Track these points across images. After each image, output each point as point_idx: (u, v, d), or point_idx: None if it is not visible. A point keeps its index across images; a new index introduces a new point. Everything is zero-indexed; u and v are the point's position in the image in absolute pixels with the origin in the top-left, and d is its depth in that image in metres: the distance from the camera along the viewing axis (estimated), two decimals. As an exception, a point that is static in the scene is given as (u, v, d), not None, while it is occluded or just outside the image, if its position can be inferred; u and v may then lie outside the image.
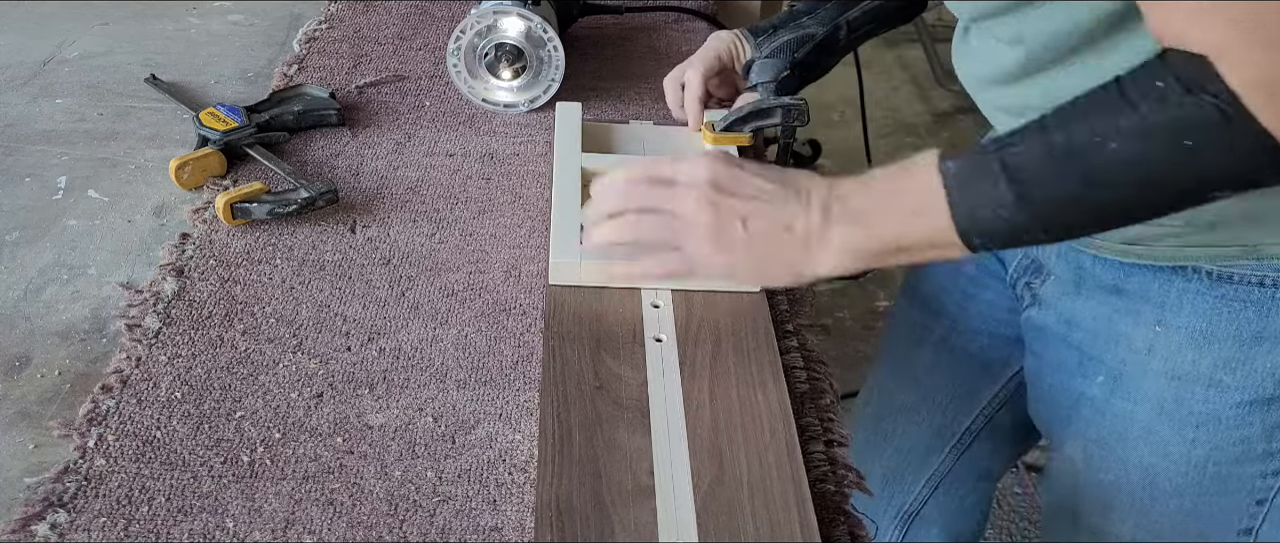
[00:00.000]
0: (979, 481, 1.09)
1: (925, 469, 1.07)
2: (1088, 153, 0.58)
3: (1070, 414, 0.87)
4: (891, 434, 1.08)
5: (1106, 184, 0.59)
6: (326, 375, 0.71)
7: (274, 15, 1.24)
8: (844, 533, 0.64)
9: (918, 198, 0.64)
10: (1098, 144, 0.58)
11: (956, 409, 1.03)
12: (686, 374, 0.71)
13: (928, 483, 1.08)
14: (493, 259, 0.83)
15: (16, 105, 1.02)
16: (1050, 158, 0.59)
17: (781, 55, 0.93)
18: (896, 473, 1.08)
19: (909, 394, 1.06)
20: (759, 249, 0.68)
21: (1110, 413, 0.83)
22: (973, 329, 0.99)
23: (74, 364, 0.72)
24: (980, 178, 0.61)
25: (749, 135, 0.93)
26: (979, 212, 0.62)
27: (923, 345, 1.03)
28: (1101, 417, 0.84)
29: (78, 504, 0.61)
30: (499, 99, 1.03)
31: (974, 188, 0.62)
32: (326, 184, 0.87)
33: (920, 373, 1.04)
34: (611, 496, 0.61)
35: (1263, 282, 0.74)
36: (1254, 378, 0.76)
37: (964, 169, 0.62)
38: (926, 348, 1.03)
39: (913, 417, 1.06)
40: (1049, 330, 0.87)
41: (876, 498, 1.10)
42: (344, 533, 0.61)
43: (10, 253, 0.83)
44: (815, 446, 0.69)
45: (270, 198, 0.85)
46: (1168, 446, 0.81)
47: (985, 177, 0.61)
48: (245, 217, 0.84)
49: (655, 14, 1.26)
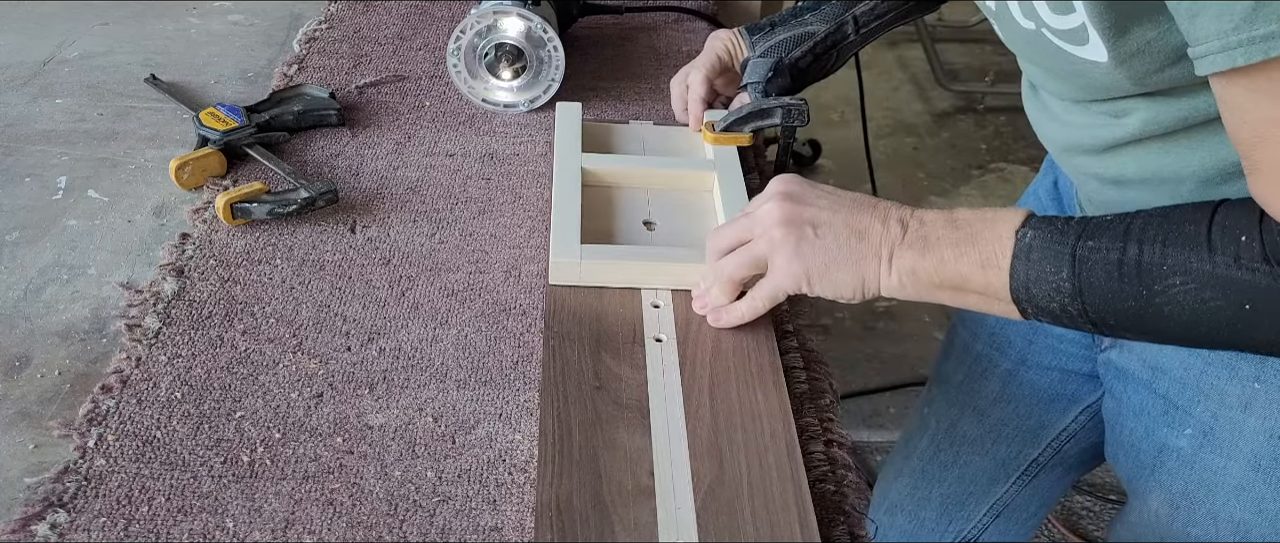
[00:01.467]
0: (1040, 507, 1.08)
1: (988, 498, 1.06)
2: (1152, 279, 0.59)
3: (1155, 465, 0.84)
4: (952, 464, 1.06)
5: (1160, 315, 0.60)
6: (326, 375, 0.71)
7: (274, 15, 1.24)
8: (844, 533, 0.64)
9: (989, 250, 0.65)
10: (1164, 273, 0.59)
11: (1023, 442, 1.02)
12: (686, 374, 0.71)
13: (990, 511, 1.07)
14: (493, 259, 0.83)
15: (16, 105, 1.02)
16: (1118, 269, 0.60)
17: (773, 55, 0.93)
18: (958, 501, 1.07)
19: (973, 426, 1.04)
20: (831, 255, 0.69)
21: (1199, 467, 0.80)
22: (1042, 364, 0.97)
23: (74, 364, 0.72)
24: (1049, 259, 0.62)
25: (749, 135, 0.93)
26: (1034, 287, 0.63)
27: (988, 378, 1.01)
28: (1189, 470, 0.81)
29: (78, 504, 0.61)
30: (499, 99, 1.03)
31: (1039, 266, 0.63)
32: (326, 184, 0.87)
33: (985, 405, 1.02)
34: (611, 496, 0.61)
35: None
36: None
37: (1038, 243, 0.63)
38: (992, 380, 1.01)
39: (977, 448, 1.04)
40: (1131, 375, 0.84)
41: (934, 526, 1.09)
42: (344, 533, 0.61)
43: (10, 253, 0.83)
44: (815, 446, 0.69)
45: (270, 198, 0.85)
46: (1263, 503, 0.77)
47: (1053, 260, 0.62)
48: (245, 217, 0.84)
49: (655, 14, 1.26)
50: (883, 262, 0.68)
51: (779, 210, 0.71)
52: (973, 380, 1.03)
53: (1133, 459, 0.87)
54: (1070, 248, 0.62)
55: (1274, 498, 0.77)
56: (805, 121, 0.91)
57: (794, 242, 0.70)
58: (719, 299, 0.75)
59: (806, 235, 0.70)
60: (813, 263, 0.69)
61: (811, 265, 0.69)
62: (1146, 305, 0.60)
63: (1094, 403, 0.95)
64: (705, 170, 0.90)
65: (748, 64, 0.94)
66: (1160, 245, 0.59)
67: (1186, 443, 0.80)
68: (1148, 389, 0.83)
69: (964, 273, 0.66)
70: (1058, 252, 0.62)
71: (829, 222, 0.69)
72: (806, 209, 0.70)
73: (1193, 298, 0.58)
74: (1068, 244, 0.62)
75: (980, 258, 0.65)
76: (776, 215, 0.71)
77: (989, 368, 1.01)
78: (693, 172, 0.90)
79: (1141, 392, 0.83)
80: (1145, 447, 0.84)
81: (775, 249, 0.70)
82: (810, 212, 0.70)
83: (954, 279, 0.66)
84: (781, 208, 0.71)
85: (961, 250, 0.66)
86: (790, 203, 0.71)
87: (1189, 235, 0.58)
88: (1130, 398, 0.85)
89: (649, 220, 0.86)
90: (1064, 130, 0.74)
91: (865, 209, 0.69)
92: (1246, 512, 0.78)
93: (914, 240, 0.67)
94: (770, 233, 0.71)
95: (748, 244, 0.73)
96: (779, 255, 0.70)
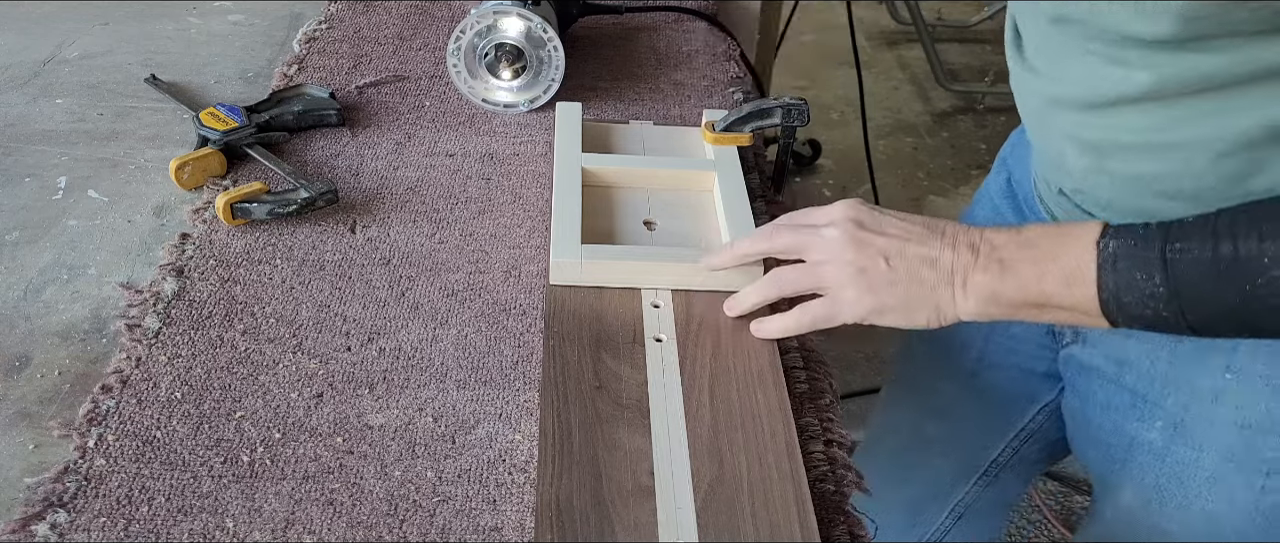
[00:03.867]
0: (1002, 508, 1.08)
1: (949, 500, 1.06)
2: (1254, 273, 0.57)
3: (1125, 459, 0.84)
4: (915, 466, 1.07)
5: (1266, 307, 0.58)
6: (326, 375, 0.71)
7: (274, 15, 1.24)
8: (844, 533, 0.64)
9: (1071, 265, 0.63)
10: (1265, 267, 0.57)
11: (984, 442, 1.02)
12: (686, 374, 0.71)
13: (951, 513, 1.07)
14: (493, 259, 0.83)
15: (16, 105, 1.02)
16: (1214, 266, 0.59)
17: None
18: (920, 504, 1.07)
19: (934, 427, 1.04)
20: (903, 288, 0.68)
21: (1171, 459, 0.80)
22: (1000, 363, 0.96)
23: (74, 364, 0.72)
24: (1138, 266, 0.61)
25: (749, 135, 0.93)
26: (1125, 296, 0.62)
27: (947, 379, 1.01)
28: (1161, 463, 0.81)
29: (78, 504, 0.61)
30: (499, 99, 1.03)
31: (1128, 275, 0.61)
32: (326, 184, 0.87)
33: (946, 405, 1.02)
34: (611, 496, 0.61)
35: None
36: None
37: (1123, 251, 0.62)
38: (952, 381, 1.01)
39: (938, 449, 1.04)
40: (1096, 370, 0.84)
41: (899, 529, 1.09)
42: (344, 533, 0.61)
43: (10, 253, 0.83)
44: (815, 445, 0.69)
45: (270, 198, 0.85)
46: (1235, 493, 0.78)
47: (1143, 266, 0.61)
48: (245, 216, 0.84)
49: (655, 14, 1.26)
50: (957, 289, 0.67)
51: (850, 238, 0.69)
52: (933, 381, 1.03)
53: (1102, 454, 0.87)
54: (1159, 252, 0.60)
55: (1245, 489, 0.77)
56: (805, 121, 0.91)
57: (866, 275, 0.68)
58: (754, 301, 0.74)
59: (879, 268, 0.68)
60: (887, 298, 0.68)
61: (886, 300, 0.68)
62: (1249, 300, 0.58)
63: (1052, 401, 0.95)
64: (705, 170, 0.90)
65: None
66: (1256, 239, 0.58)
67: (1157, 436, 0.80)
68: (1114, 383, 0.82)
69: (1047, 292, 0.64)
70: (1146, 258, 0.61)
71: (900, 252, 0.68)
72: (877, 239, 0.69)
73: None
74: (1155, 249, 0.61)
75: (1063, 275, 0.64)
76: (848, 243, 0.69)
77: (948, 369, 1.01)
78: (693, 172, 0.90)
79: (1108, 386, 0.83)
80: (1114, 441, 0.84)
81: (846, 281, 0.69)
82: (881, 242, 0.69)
83: (1037, 298, 0.65)
84: (854, 236, 0.69)
85: (1043, 268, 0.64)
86: (862, 231, 0.69)
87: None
88: (1096, 393, 0.85)
89: (649, 220, 0.86)
90: (1051, 85, 0.71)
91: (934, 236, 0.68)
92: (1218, 503, 0.79)
93: (988, 264, 0.66)
94: (840, 259, 0.69)
95: (813, 264, 0.71)
96: (850, 288, 0.69)
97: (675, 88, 1.10)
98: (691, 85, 1.11)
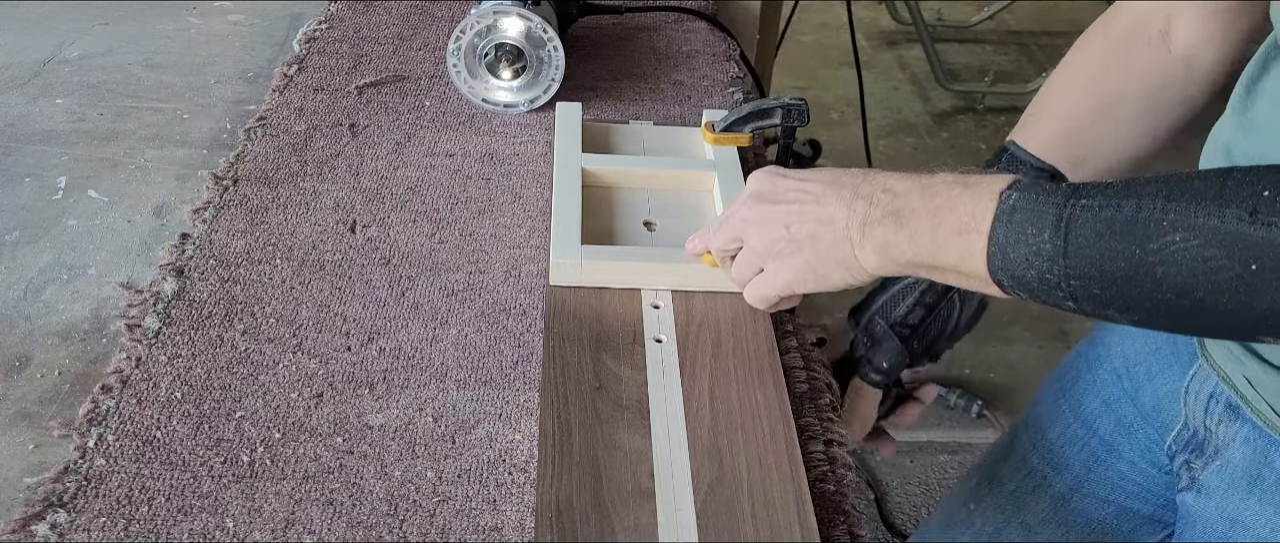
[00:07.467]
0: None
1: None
2: (1149, 236, 0.52)
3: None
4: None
5: (1152, 277, 0.52)
6: (326, 375, 0.71)
7: (274, 15, 1.24)
8: (844, 533, 0.64)
9: (967, 216, 0.58)
10: (1164, 229, 0.51)
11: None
12: (686, 374, 0.71)
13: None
14: (493, 259, 0.83)
15: (16, 105, 1.02)
16: (1109, 226, 0.53)
17: None
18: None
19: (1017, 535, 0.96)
20: (808, 251, 0.66)
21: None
22: (1099, 496, 0.89)
23: (74, 364, 0.72)
24: (1031, 220, 0.55)
25: (749, 135, 0.93)
26: (1012, 252, 0.56)
27: (1039, 495, 0.93)
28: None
29: (78, 504, 0.61)
30: (499, 99, 1.03)
31: (1021, 228, 0.56)
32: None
33: (1033, 521, 0.94)
34: (611, 496, 0.61)
35: None
36: None
37: (1022, 204, 0.56)
38: (1043, 499, 0.93)
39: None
40: (1207, 524, 0.76)
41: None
42: (344, 533, 0.61)
43: (10, 253, 0.83)
44: (815, 446, 0.69)
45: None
46: None
47: (1035, 220, 0.55)
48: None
49: (655, 14, 1.26)
50: (856, 244, 0.63)
51: (755, 214, 0.68)
52: (1023, 494, 0.95)
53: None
54: (1057, 206, 0.55)
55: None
56: (805, 121, 0.91)
57: (774, 246, 0.67)
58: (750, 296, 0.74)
59: (781, 237, 0.67)
60: (796, 265, 0.67)
61: (796, 268, 0.67)
62: (1138, 266, 0.52)
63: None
64: (705, 170, 0.90)
65: None
66: (1162, 199, 0.52)
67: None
68: None
69: (939, 243, 0.59)
70: (1043, 213, 0.55)
71: (800, 215, 0.66)
72: (778, 210, 0.67)
73: (1193, 256, 0.51)
74: (1055, 203, 0.55)
75: (957, 224, 0.58)
76: (754, 220, 0.68)
77: (1042, 485, 0.93)
78: (693, 172, 0.90)
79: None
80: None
81: (762, 255, 0.69)
82: (780, 211, 0.67)
83: (929, 252, 0.60)
84: (756, 212, 0.68)
85: (939, 219, 0.59)
86: (762, 204, 0.68)
87: (1197, 190, 0.51)
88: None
89: (649, 221, 0.86)
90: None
91: (831, 192, 0.64)
92: None
93: (883, 216, 0.61)
94: (753, 236, 0.68)
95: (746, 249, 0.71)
96: (769, 261, 0.69)
97: (675, 88, 1.10)
98: (691, 85, 1.11)
